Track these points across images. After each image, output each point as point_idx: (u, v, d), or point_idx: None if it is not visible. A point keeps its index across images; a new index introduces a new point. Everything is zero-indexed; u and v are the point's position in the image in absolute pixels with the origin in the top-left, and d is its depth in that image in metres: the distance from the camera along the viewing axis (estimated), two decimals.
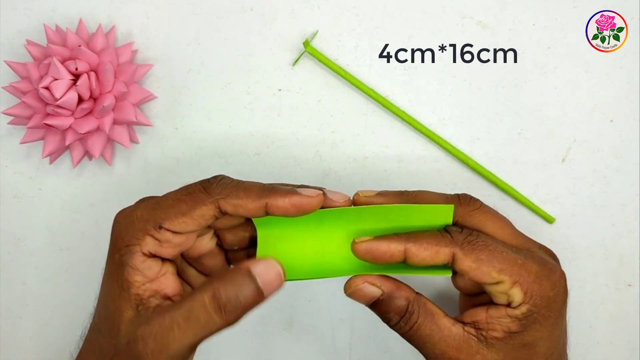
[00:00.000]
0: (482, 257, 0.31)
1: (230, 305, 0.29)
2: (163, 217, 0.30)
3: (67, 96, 0.37)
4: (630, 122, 0.41)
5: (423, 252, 0.31)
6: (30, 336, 0.43)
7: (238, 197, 0.30)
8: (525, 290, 0.31)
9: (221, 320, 0.29)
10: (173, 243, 0.31)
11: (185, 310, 0.29)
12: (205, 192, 0.31)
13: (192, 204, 0.31)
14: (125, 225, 0.31)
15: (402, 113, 0.41)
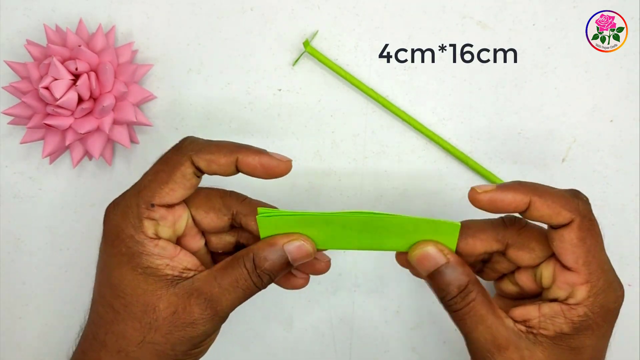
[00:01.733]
0: (588, 241, 0.31)
1: (266, 276, 0.32)
2: (150, 195, 0.32)
3: (67, 96, 0.37)
4: (630, 122, 0.41)
5: (546, 209, 0.31)
6: (30, 336, 0.43)
7: (210, 152, 0.32)
8: (591, 294, 0.31)
9: (259, 288, 0.32)
10: (168, 221, 0.32)
11: (233, 279, 0.32)
12: (179, 153, 0.32)
13: (170, 169, 0.32)
14: (119, 216, 0.32)
15: (402, 113, 0.41)
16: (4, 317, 0.43)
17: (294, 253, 0.32)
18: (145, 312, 0.31)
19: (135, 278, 0.31)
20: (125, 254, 0.32)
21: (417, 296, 0.43)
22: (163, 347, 0.31)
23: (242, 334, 0.44)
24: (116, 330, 0.32)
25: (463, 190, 0.42)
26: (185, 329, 0.31)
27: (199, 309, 0.31)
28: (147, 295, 0.31)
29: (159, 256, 0.32)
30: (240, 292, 0.32)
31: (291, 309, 0.43)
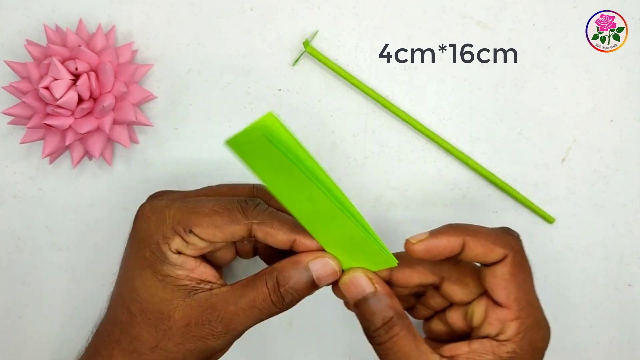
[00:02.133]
0: (519, 277, 0.32)
1: (288, 297, 0.32)
2: (196, 224, 0.32)
3: (67, 96, 0.37)
4: (630, 122, 0.41)
5: (479, 248, 0.32)
6: (30, 336, 0.43)
7: (272, 227, 0.32)
8: (520, 330, 0.31)
9: (279, 309, 0.32)
10: (198, 247, 0.32)
11: (250, 299, 0.31)
12: (242, 213, 0.32)
13: (228, 220, 0.32)
14: (155, 221, 0.32)
15: (402, 113, 0.41)
16: (4, 317, 0.43)
17: (319, 271, 0.32)
18: (160, 319, 0.31)
19: (154, 284, 0.32)
20: (148, 259, 0.32)
21: None
22: (174, 356, 0.32)
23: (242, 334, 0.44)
24: (131, 332, 0.32)
25: (463, 190, 0.42)
26: (197, 342, 0.31)
27: (210, 325, 0.31)
28: (164, 304, 0.31)
29: (179, 267, 0.32)
30: (256, 313, 0.32)
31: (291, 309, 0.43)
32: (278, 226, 0.32)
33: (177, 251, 0.32)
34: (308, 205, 0.30)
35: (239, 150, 0.29)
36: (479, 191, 0.42)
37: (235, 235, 0.32)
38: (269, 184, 0.30)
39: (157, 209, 0.33)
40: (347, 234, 0.31)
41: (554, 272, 0.42)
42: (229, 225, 0.32)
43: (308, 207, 0.31)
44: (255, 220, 0.32)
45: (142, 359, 0.32)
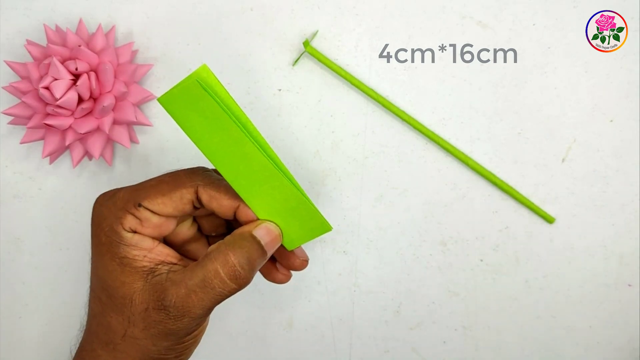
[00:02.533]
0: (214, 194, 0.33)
1: (241, 270, 0.31)
2: (143, 196, 0.32)
3: (67, 96, 0.37)
4: (630, 122, 0.41)
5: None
6: (30, 336, 0.43)
7: (218, 190, 0.32)
8: None
9: (234, 284, 0.31)
10: (152, 223, 0.32)
11: (200, 280, 0.30)
12: (188, 177, 0.32)
13: (173, 186, 0.32)
14: (107, 206, 0.32)
15: (402, 113, 0.41)
16: (4, 317, 0.43)
17: (264, 238, 0.32)
18: (124, 304, 0.31)
19: (115, 269, 0.31)
20: (105, 243, 0.32)
21: (417, 296, 0.43)
22: (144, 342, 0.31)
23: (242, 334, 0.44)
24: (104, 322, 0.32)
25: (463, 190, 0.42)
26: (157, 326, 0.31)
27: (166, 310, 0.30)
28: (125, 288, 0.31)
29: (135, 247, 0.31)
30: (210, 293, 0.30)
31: (291, 309, 0.43)
32: (224, 190, 0.32)
33: (131, 230, 0.32)
34: (242, 166, 0.30)
35: (171, 109, 0.29)
36: (479, 191, 0.42)
37: (183, 200, 0.32)
38: (201, 145, 0.30)
39: (107, 195, 0.33)
40: (281, 198, 0.31)
41: (554, 272, 0.42)
42: (175, 190, 0.31)
43: (242, 168, 0.30)
44: (201, 182, 0.32)
45: (117, 349, 0.31)
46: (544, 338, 0.43)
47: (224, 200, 0.32)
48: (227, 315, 0.44)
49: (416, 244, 0.43)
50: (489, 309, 0.43)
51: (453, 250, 0.42)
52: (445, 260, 0.43)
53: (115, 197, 0.32)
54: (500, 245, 0.42)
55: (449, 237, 0.42)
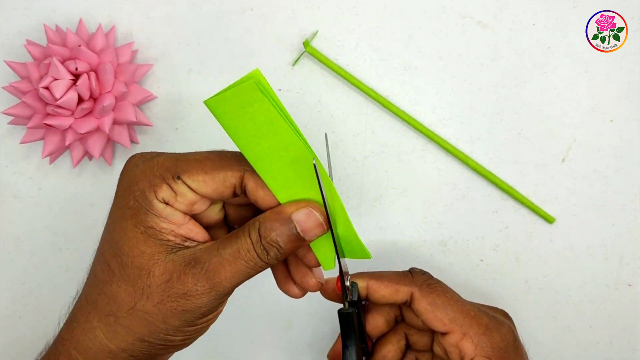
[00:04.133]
0: (438, 302, 0.33)
1: (272, 248, 0.29)
2: (184, 169, 0.29)
3: (67, 96, 0.37)
4: (630, 122, 0.41)
5: (384, 289, 0.34)
6: (30, 336, 0.43)
7: None
8: (475, 343, 0.33)
9: (265, 262, 0.30)
10: (187, 199, 0.30)
11: (234, 250, 0.29)
12: (237, 160, 0.30)
13: (219, 165, 0.30)
14: (142, 169, 0.30)
15: (402, 113, 0.41)
16: (4, 317, 0.43)
17: (303, 223, 0.30)
18: (139, 275, 0.29)
19: (136, 236, 0.29)
20: (132, 208, 0.29)
21: None
22: (154, 318, 0.29)
23: (242, 334, 0.44)
24: (109, 292, 0.30)
25: (463, 190, 0.42)
26: (178, 300, 0.29)
27: (193, 278, 0.29)
28: (144, 258, 0.29)
29: (165, 220, 0.29)
30: (242, 265, 0.29)
31: (291, 309, 0.43)
32: None
33: (164, 201, 0.29)
34: (290, 173, 0.29)
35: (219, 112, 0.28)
36: (479, 191, 0.42)
37: (225, 183, 0.29)
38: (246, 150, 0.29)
39: (145, 157, 0.30)
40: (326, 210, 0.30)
41: (554, 272, 0.42)
42: (219, 170, 0.29)
43: (289, 175, 0.29)
44: (249, 167, 0.29)
45: (119, 323, 0.29)
46: (544, 338, 0.43)
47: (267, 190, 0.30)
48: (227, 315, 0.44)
49: (416, 244, 0.43)
50: None
51: (453, 250, 0.42)
52: (445, 260, 0.43)
53: (153, 162, 0.30)
54: (500, 245, 0.42)
55: (449, 237, 0.42)
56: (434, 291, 0.34)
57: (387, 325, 0.36)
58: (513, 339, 0.34)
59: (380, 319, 0.36)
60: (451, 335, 0.33)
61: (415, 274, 0.35)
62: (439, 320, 0.33)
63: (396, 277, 0.34)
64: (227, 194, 0.30)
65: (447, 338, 0.33)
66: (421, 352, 0.37)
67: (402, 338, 0.37)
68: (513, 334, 0.34)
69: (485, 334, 0.33)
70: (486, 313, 0.34)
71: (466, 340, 0.33)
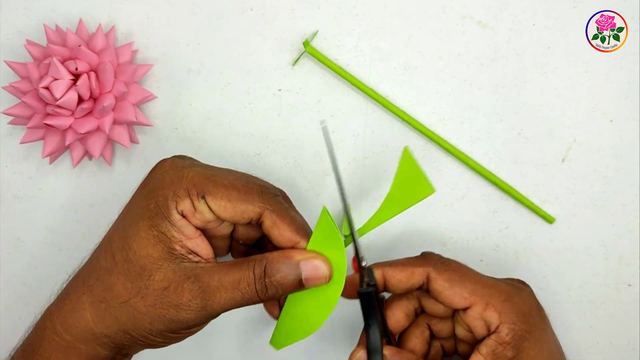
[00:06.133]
0: (455, 278, 0.33)
1: (272, 289, 0.31)
2: (210, 191, 0.31)
3: (67, 96, 0.37)
4: (630, 122, 0.41)
5: (399, 274, 0.34)
6: None
7: (283, 220, 0.32)
8: (499, 311, 0.32)
9: (261, 297, 0.31)
10: (204, 217, 0.32)
11: (235, 279, 0.31)
12: (260, 196, 0.32)
13: (243, 197, 0.31)
14: (172, 177, 0.32)
15: (402, 113, 0.41)
16: (4, 317, 0.43)
17: (308, 272, 0.31)
18: (140, 275, 0.31)
19: (147, 237, 0.31)
20: (151, 210, 0.31)
21: None
22: (142, 317, 0.31)
23: (243, 334, 0.44)
24: (107, 281, 0.31)
25: (463, 190, 0.42)
26: (170, 309, 0.31)
27: (189, 294, 0.30)
28: (149, 260, 0.31)
29: (178, 230, 0.31)
30: (238, 295, 0.31)
31: None
32: (289, 221, 0.32)
33: (182, 213, 0.31)
34: None
35: None
36: (479, 191, 0.42)
37: (244, 216, 0.31)
38: None
39: (177, 165, 0.32)
40: None
41: (554, 272, 0.42)
42: (242, 202, 0.31)
43: None
44: (270, 207, 0.31)
45: (109, 311, 0.31)
46: None
47: (286, 232, 0.32)
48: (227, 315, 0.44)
49: (416, 244, 0.43)
50: None
51: (453, 250, 0.42)
52: None
53: (183, 173, 0.32)
54: (500, 245, 0.42)
55: (449, 237, 0.42)
56: (449, 268, 0.34)
57: (408, 320, 0.36)
58: (535, 302, 0.34)
59: (400, 314, 0.36)
60: (473, 308, 0.33)
61: (427, 256, 0.35)
62: (458, 296, 0.33)
63: (410, 261, 0.35)
64: (243, 222, 0.32)
65: (469, 312, 0.33)
66: (446, 339, 0.37)
67: (426, 329, 0.36)
68: (534, 298, 0.34)
69: (507, 300, 0.33)
70: (504, 281, 0.34)
71: (489, 310, 0.32)
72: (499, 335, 0.32)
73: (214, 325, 0.43)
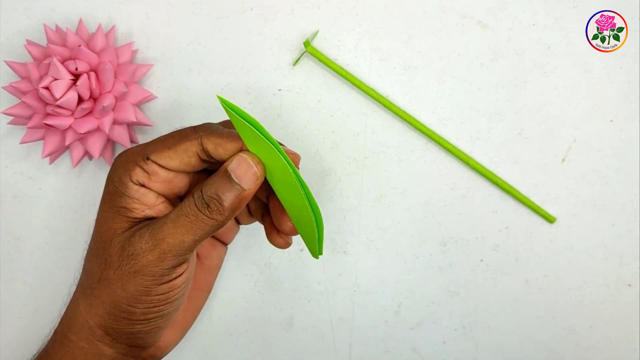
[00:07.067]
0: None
1: (214, 202, 0.31)
2: (151, 150, 0.32)
3: (67, 96, 0.37)
4: (630, 122, 0.41)
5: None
6: (31, 336, 0.43)
7: (220, 137, 0.32)
8: None
9: (210, 217, 0.31)
10: (160, 177, 0.33)
11: (178, 209, 0.32)
12: (193, 130, 0.33)
13: (179, 139, 0.32)
14: (120, 159, 0.33)
15: (402, 113, 0.41)
16: (4, 317, 0.43)
17: (235, 170, 0.31)
18: (103, 247, 0.32)
19: (109, 216, 0.32)
20: (111, 193, 0.33)
21: (417, 296, 0.43)
22: (115, 286, 0.32)
23: (242, 334, 0.44)
24: (86, 268, 0.33)
25: (463, 190, 0.42)
26: (130, 261, 0.31)
27: (140, 238, 0.31)
28: (110, 232, 0.32)
29: (137, 200, 0.32)
30: (184, 222, 0.31)
31: (291, 309, 0.43)
32: (227, 136, 0.32)
33: (138, 182, 0.32)
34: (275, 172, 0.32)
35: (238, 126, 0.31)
36: (479, 191, 0.42)
37: (188, 152, 0.32)
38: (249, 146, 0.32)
39: (124, 152, 0.34)
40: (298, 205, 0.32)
41: (554, 272, 0.42)
42: (180, 143, 0.32)
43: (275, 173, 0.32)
44: (204, 133, 0.32)
45: (93, 294, 0.32)
46: (544, 338, 0.43)
47: (228, 144, 0.32)
48: (227, 315, 0.44)
49: (416, 244, 0.43)
50: (489, 309, 0.43)
51: (453, 250, 0.42)
52: (445, 260, 0.43)
53: (128, 152, 0.33)
54: (500, 245, 0.42)
55: (449, 237, 0.42)
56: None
57: None
58: None
59: None
60: None
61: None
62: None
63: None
64: (194, 162, 0.33)
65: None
66: None
67: None
68: None
69: None
70: None
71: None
72: None
73: (215, 327, 0.43)
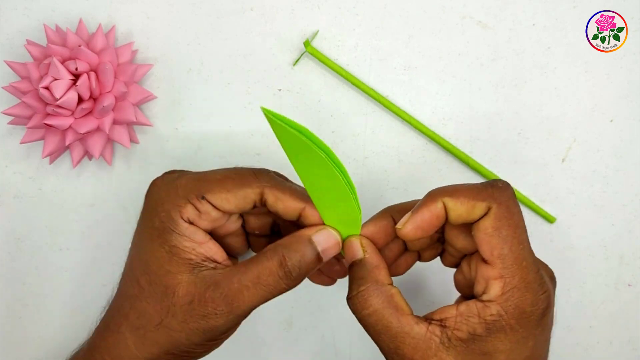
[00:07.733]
0: (503, 232, 0.30)
1: (295, 271, 0.31)
2: (207, 189, 0.31)
3: (67, 96, 0.37)
4: (630, 122, 0.41)
5: (460, 206, 0.30)
6: (30, 336, 0.43)
7: (283, 192, 0.32)
8: (504, 290, 0.29)
9: (287, 284, 0.31)
10: (210, 217, 0.32)
11: (254, 276, 0.30)
12: (255, 177, 0.32)
13: (239, 184, 0.32)
14: (166, 191, 0.32)
15: (402, 113, 0.41)
16: (4, 317, 0.43)
17: (323, 244, 0.31)
18: (165, 294, 0.31)
19: (162, 256, 0.31)
20: (157, 228, 0.31)
21: (417, 296, 0.43)
22: (178, 335, 0.31)
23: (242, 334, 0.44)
24: (139, 307, 0.32)
25: None
26: (199, 321, 0.31)
27: (213, 303, 0.30)
28: (169, 277, 0.31)
29: (188, 238, 0.31)
30: (261, 290, 0.30)
31: (291, 309, 0.43)
32: (289, 192, 0.32)
33: (188, 220, 0.31)
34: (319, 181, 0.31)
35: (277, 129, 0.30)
36: None
37: (247, 200, 0.31)
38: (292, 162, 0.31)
39: (168, 180, 0.33)
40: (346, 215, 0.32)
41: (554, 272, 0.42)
42: (240, 188, 0.31)
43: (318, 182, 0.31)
44: (267, 184, 0.32)
45: (147, 336, 0.31)
46: None
47: (290, 202, 0.32)
48: None
49: None
50: None
51: None
52: None
53: (177, 184, 0.32)
54: None
55: None
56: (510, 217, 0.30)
57: None
58: (543, 308, 0.30)
59: None
60: (488, 268, 0.30)
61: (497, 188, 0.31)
62: (489, 248, 0.30)
63: (474, 190, 0.30)
64: (248, 208, 0.32)
65: (483, 268, 0.30)
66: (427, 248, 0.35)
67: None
68: (547, 303, 0.30)
69: (521, 290, 0.29)
70: (536, 270, 0.30)
71: (498, 282, 0.29)
72: (485, 309, 0.29)
73: None
